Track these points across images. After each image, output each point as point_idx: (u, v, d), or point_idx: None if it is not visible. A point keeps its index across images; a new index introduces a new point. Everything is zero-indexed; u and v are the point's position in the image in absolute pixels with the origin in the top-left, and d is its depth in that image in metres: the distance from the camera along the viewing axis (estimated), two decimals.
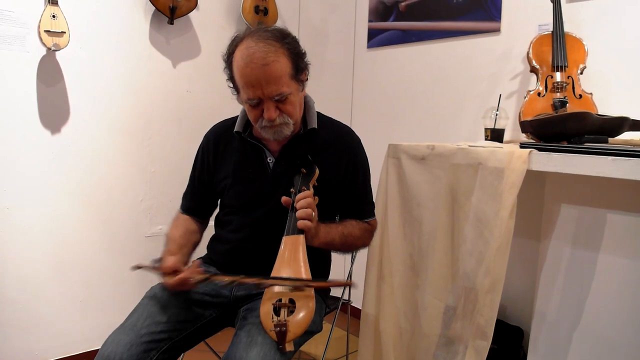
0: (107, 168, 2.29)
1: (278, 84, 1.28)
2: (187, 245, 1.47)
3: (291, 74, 1.31)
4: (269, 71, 1.26)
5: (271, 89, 1.27)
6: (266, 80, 1.26)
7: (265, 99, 1.29)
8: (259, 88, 1.27)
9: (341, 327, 2.43)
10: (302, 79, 1.38)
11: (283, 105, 1.31)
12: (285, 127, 1.34)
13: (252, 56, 1.26)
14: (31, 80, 2.06)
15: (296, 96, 1.35)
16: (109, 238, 2.32)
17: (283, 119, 1.32)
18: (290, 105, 1.32)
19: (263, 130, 1.35)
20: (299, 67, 1.34)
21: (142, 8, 2.33)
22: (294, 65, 1.32)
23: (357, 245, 1.51)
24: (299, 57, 1.35)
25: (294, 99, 1.33)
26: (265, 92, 1.28)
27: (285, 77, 1.29)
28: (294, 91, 1.33)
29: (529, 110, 1.72)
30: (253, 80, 1.27)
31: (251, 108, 1.33)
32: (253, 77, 1.27)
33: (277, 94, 1.28)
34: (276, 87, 1.28)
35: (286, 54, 1.30)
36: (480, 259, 1.44)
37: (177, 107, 2.50)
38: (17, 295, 2.08)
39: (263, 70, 1.25)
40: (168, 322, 1.30)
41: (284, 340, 1.10)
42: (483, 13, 2.17)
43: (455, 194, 1.54)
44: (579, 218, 1.40)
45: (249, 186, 1.44)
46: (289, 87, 1.30)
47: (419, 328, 1.65)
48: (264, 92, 1.27)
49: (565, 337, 1.43)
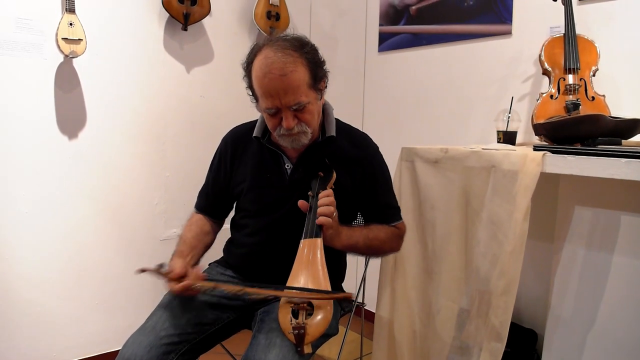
0: (123, 173, 2.33)
1: (296, 94, 1.28)
2: (198, 246, 1.48)
3: (309, 83, 1.31)
4: (287, 81, 1.26)
5: (289, 99, 1.28)
6: (284, 91, 1.27)
7: (283, 108, 1.29)
8: (277, 98, 1.28)
9: (354, 330, 2.44)
10: (321, 87, 1.38)
11: (301, 114, 1.31)
12: (303, 136, 1.35)
13: (270, 66, 1.27)
14: (49, 86, 2.10)
15: (314, 105, 1.35)
16: (125, 241, 2.35)
17: (301, 127, 1.33)
18: (308, 114, 1.33)
19: (281, 138, 1.36)
20: (317, 76, 1.34)
21: (157, 15, 2.37)
22: (312, 74, 1.32)
23: (384, 249, 1.50)
24: (317, 65, 1.35)
25: (312, 107, 1.34)
26: (283, 102, 1.28)
27: (304, 87, 1.30)
28: (312, 100, 1.33)
29: (541, 112, 1.72)
30: (271, 90, 1.28)
31: (270, 117, 1.34)
32: (271, 87, 1.27)
33: (295, 103, 1.29)
34: (294, 97, 1.28)
35: (304, 64, 1.30)
36: (494, 261, 1.44)
37: (191, 112, 2.53)
38: (35, 297, 2.12)
39: (281, 81, 1.26)
40: (187, 324, 1.32)
41: (302, 343, 1.11)
42: (494, 16, 2.17)
43: (468, 196, 1.55)
44: (592, 220, 1.40)
45: (266, 191, 1.45)
46: (307, 96, 1.31)
47: (432, 330, 1.66)
48: (282, 101, 1.28)
49: (579, 339, 1.43)
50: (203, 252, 1.51)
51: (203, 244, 1.51)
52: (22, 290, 2.09)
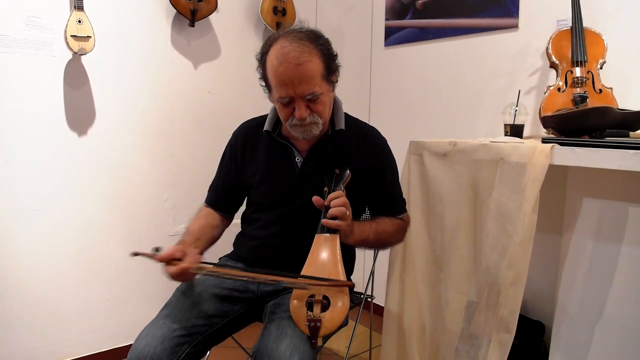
0: (132, 169, 2.34)
1: (310, 84, 1.30)
2: (203, 238, 1.48)
3: (323, 74, 1.34)
4: (302, 70, 1.29)
5: (303, 89, 1.30)
6: (299, 80, 1.29)
7: (297, 98, 1.31)
8: (291, 87, 1.30)
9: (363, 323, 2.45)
10: (333, 80, 1.40)
11: (314, 105, 1.34)
12: (314, 127, 1.37)
13: (286, 55, 1.29)
14: (58, 84, 2.12)
15: (327, 96, 1.37)
16: (134, 237, 2.37)
17: (313, 118, 1.35)
18: (321, 105, 1.35)
19: (293, 129, 1.38)
20: (330, 68, 1.37)
21: (164, 11, 2.38)
22: (326, 65, 1.34)
23: (391, 241, 1.53)
24: (331, 58, 1.37)
25: (324, 99, 1.36)
26: (297, 91, 1.30)
27: (318, 77, 1.32)
28: (325, 91, 1.35)
29: (549, 105, 1.72)
30: (286, 79, 1.30)
31: (282, 107, 1.36)
32: (286, 76, 1.29)
33: (309, 93, 1.31)
34: (308, 86, 1.30)
35: (319, 55, 1.33)
36: (503, 253, 1.45)
37: (199, 108, 2.54)
38: (46, 293, 2.15)
39: (296, 70, 1.28)
40: (199, 316, 1.33)
41: (316, 335, 1.13)
42: (501, 9, 2.17)
43: (477, 189, 1.56)
44: (600, 212, 1.41)
45: (277, 185, 1.46)
46: (320, 87, 1.33)
47: (441, 322, 1.67)
48: (296, 91, 1.30)
49: (587, 331, 1.44)
50: (208, 245, 1.50)
51: (209, 236, 1.51)
52: (33, 285, 2.12)
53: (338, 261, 1.22)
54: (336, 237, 1.26)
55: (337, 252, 1.24)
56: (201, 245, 1.46)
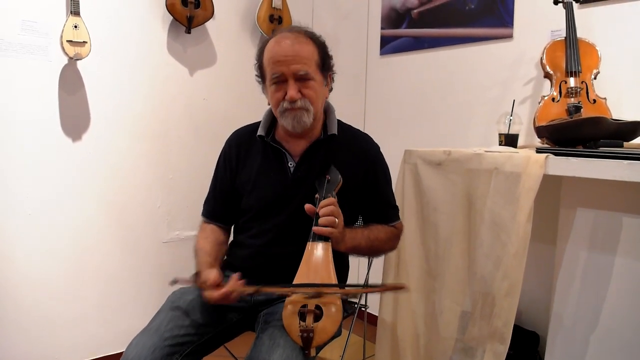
0: (126, 174, 2.34)
1: (304, 63, 1.35)
2: (218, 257, 1.49)
3: (318, 63, 1.39)
4: (297, 48, 1.35)
5: (297, 66, 1.34)
6: (292, 57, 1.34)
7: (289, 76, 1.34)
8: (285, 64, 1.34)
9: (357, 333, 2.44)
10: (327, 77, 1.45)
11: (305, 88, 1.36)
12: (305, 114, 1.38)
13: (283, 37, 1.37)
14: (53, 88, 2.11)
15: (319, 86, 1.41)
16: (128, 243, 2.36)
17: (304, 102, 1.36)
18: (312, 91, 1.38)
19: (283, 116, 1.39)
20: (325, 63, 1.42)
21: (160, 18, 2.38)
22: (320, 57, 1.40)
23: (384, 249, 1.53)
24: (326, 54, 1.43)
25: (316, 86, 1.39)
26: (291, 68, 1.34)
27: (312, 62, 1.37)
28: (318, 80, 1.39)
29: (543, 115, 1.73)
30: (281, 56, 1.34)
31: (275, 89, 1.38)
32: (281, 52, 1.35)
33: (302, 71, 1.34)
34: (302, 65, 1.35)
35: (315, 46, 1.40)
36: (497, 263, 1.45)
37: (194, 115, 2.54)
38: (38, 298, 2.13)
39: (291, 48, 1.35)
40: (191, 325, 1.32)
41: (309, 346, 1.12)
42: (495, 19, 2.18)
43: (471, 198, 1.55)
44: (595, 222, 1.41)
45: (269, 190, 1.46)
46: (314, 72, 1.37)
47: (435, 332, 1.66)
48: (289, 68, 1.34)
49: (582, 341, 1.43)
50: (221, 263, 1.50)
51: (220, 254, 1.52)
52: (26, 291, 2.10)
53: (331, 270, 1.21)
54: (328, 245, 1.25)
55: (330, 260, 1.23)
56: (218, 265, 1.46)
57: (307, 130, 1.44)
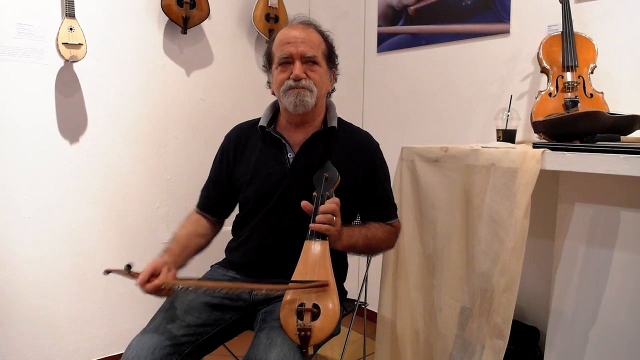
0: (124, 176, 2.34)
1: (312, 47, 1.41)
2: (190, 246, 1.47)
3: (325, 52, 1.46)
4: (306, 32, 1.42)
5: (305, 48, 1.40)
6: (302, 39, 1.40)
7: (296, 57, 1.39)
8: (293, 45, 1.39)
9: (356, 330, 2.45)
10: (332, 68, 1.51)
11: (311, 71, 1.41)
12: (308, 94, 1.40)
13: (294, 25, 1.45)
14: (50, 91, 2.11)
15: (324, 73, 1.46)
16: (127, 245, 2.36)
17: (308, 83, 1.40)
18: (317, 75, 1.42)
19: (286, 95, 1.41)
20: (331, 55, 1.49)
21: (156, 19, 2.38)
22: (328, 48, 1.47)
23: (381, 247, 1.52)
24: (332, 50, 1.50)
25: (322, 72, 1.44)
26: (298, 50, 1.39)
27: (319, 49, 1.44)
28: (324, 67, 1.45)
29: (540, 110, 1.72)
30: (290, 37, 1.41)
31: (281, 70, 1.42)
32: (291, 35, 1.41)
33: (310, 53, 1.40)
34: (310, 48, 1.40)
35: (323, 38, 1.47)
36: (495, 259, 1.45)
37: (192, 115, 2.54)
38: (38, 301, 2.13)
39: (302, 32, 1.42)
40: (190, 325, 1.32)
41: (307, 344, 1.12)
42: (492, 15, 2.18)
43: (469, 195, 1.55)
44: (593, 216, 1.41)
45: (267, 181, 1.45)
46: (321, 59, 1.44)
47: (435, 329, 1.66)
48: (297, 49, 1.39)
49: (581, 336, 1.43)
50: (194, 253, 1.49)
51: (195, 244, 1.50)
52: (26, 294, 2.10)
53: (328, 268, 1.21)
54: (326, 243, 1.25)
55: (327, 259, 1.23)
56: (188, 254, 1.45)
57: (307, 118, 1.46)
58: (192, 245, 1.49)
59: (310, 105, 1.41)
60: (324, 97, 1.49)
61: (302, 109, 1.41)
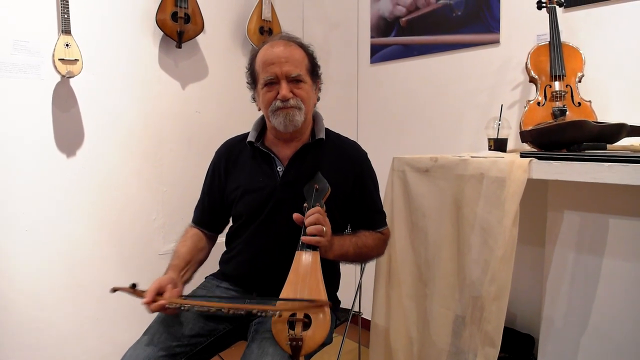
0: (121, 189, 2.35)
1: (296, 66, 1.41)
2: (192, 261, 1.50)
3: (308, 67, 1.46)
4: (289, 52, 1.41)
5: (289, 68, 1.39)
6: (286, 59, 1.40)
7: (282, 77, 1.39)
8: (278, 66, 1.39)
9: (351, 338, 2.45)
10: (316, 82, 1.50)
11: (297, 90, 1.41)
12: (297, 113, 1.41)
13: (276, 43, 1.44)
14: (46, 106, 2.14)
15: (310, 89, 1.46)
16: (123, 257, 2.37)
17: (296, 102, 1.41)
18: (304, 92, 1.43)
19: (274, 115, 1.42)
20: (315, 69, 1.48)
21: (151, 33, 2.41)
22: (311, 63, 1.47)
23: (372, 255, 1.54)
24: (315, 63, 1.49)
25: (308, 88, 1.44)
26: (283, 70, 1.39)
27: (303, 65, 1.44)
28: (309, 83, 1.45)
29: (529, 119, 1.74)
30: (274, 58, 1.40)
31: (267, 90, 1.42)
32: (274, 55, 1.40)
33: (294, 73, 1.40)
34: (294, 67, 1.40)
35: (305, 53, 1.47)
36: (485, 268, 1.46)
37: (187, 128, 2.56)
38: (34, 313, 2.14)
39: (284, 51, 1.41)
40: (184, 336, 1.34)
41: (298, 354, 1.13)
42: (482, 25, 2.21)
43: (459, 204, 1.57)
44: (581, 224, 1.42)
45: (258, 195, 1.47)
46: (305, 75, 1.44)
47: (428, 338, 1.67)
48: (282, 69, 1.39)
49: (573, 342, 1.44)
50: (196, 268, 1.53)
51: (197, 259, 1.54)
52: (22, 306, 2.11)
53: (319, 279, 1.23)
54: (317, 254, 1.27)
55: (318, 269, 1.24)
56: (191, 269, 1.49)
57: (296, 133, 1.47)
58: (195, 259, 1.52)
59: (299, 123, 1.43)
60: (312, 111, 1.52)
61: (292, 127, 1.43)
